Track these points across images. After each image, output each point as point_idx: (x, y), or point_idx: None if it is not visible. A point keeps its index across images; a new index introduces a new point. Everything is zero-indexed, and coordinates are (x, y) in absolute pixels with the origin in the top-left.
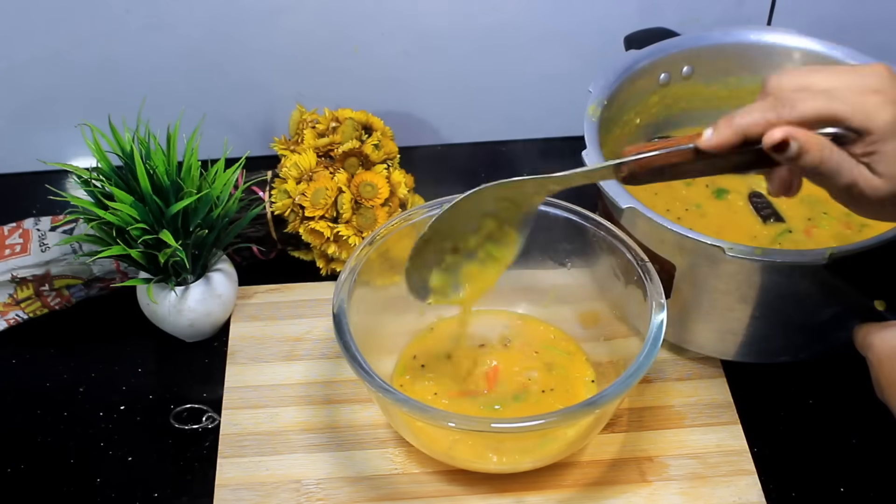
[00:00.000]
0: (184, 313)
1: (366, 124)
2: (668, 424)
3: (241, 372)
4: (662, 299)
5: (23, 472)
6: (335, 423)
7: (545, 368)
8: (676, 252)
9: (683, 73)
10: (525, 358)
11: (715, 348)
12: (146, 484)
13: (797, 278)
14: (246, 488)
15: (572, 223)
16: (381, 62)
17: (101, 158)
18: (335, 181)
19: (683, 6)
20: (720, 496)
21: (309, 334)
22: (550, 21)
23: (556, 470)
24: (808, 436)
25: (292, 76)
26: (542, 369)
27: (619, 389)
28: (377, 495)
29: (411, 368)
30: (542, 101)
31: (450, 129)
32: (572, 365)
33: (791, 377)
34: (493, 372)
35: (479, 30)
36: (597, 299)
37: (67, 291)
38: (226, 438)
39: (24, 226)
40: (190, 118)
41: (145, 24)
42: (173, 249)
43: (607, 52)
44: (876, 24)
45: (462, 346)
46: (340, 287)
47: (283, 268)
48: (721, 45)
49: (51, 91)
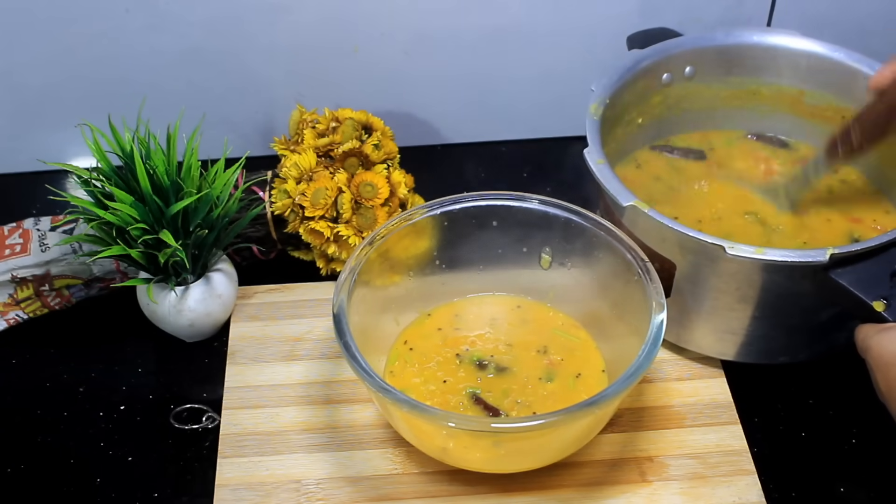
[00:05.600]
0: (184, 313)
1: (366, 124)
2: (668, 424)
3: (241, 372)
4: (662, 299)
5: (23, 472)
6: (335, 423)
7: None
8: (677, 251)
9: (686, 73)
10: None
11: (715, 348)
12: (146, 484)
13: (797, 278)
14: (246, 488)
15: (572, 223)
16: (381, 62)
17: (101, 158)
18: (335, 181)
19: (685, 6)
20: (720, 496)
21: (309, 334)
22: (551, 21)
23: (556, 470)
24: (808, 436)
25: (292, 76)
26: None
27: (618, 389)
28: (377, 495)
29: (402, 355)
30: (542, 101)
31: (450, 129)
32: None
33: (791, 377)
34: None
35: (479, 30)
36: (597, 299)
37: (67, 291)
38: (226, 438)
39: (24, 226)
40: (190, 118)
41: (145, 24)
42: (173, 249)
43: (609, 52)
44: (876, 24)
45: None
46: (340, 287)
47: (283, 268)
48: (724, 46)
49: (51, 91)
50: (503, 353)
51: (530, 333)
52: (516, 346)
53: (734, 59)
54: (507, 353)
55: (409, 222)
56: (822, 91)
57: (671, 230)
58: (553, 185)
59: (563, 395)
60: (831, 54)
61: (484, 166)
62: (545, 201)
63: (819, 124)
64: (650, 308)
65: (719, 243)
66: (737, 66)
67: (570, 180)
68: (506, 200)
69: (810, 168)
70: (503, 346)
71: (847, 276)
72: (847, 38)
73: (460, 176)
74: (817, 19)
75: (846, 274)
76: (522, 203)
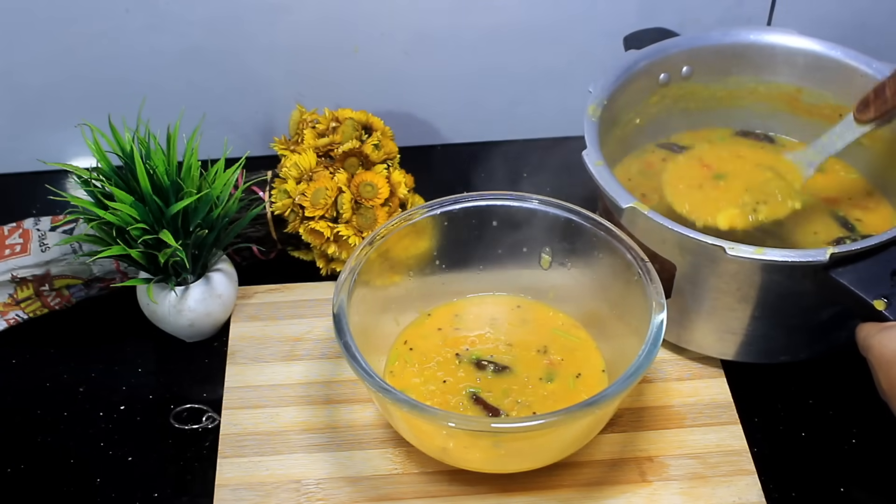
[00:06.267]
0: (184, 313)
1: (366, 124)
2: (668, 424)
3: (241, 372)
4: (662, 299)
5: (23, 472)
6: (335, 423)
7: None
8: (677, 252)
9: (683, 73)
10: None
11: (715, 348)
12: (146, 484)
13: (798, 278)
14: (246, 488)
15: (572, 223)
16: (381, 62)
17: (101, 158)
18: (335, 181)
19: (683, 6)
20: (720, 496)
21: (309, 334)
22: (550, 21)
23: (556, 470)
24: (808, 436)
25: (292, 76)
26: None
27: (618, 389)
28: (377, 495)
29: (401, 355)
30: (541, 101)
31: (450, 129)
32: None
33: (791, 377)
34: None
35: (479, 30)
36: (597, 299)
37: (67, 291)
38: (226, 438)
39: (24, 226)
40: (190, 118)
41: (145, 24)
42: (173, 249)
43: (607, 53)
44: (875, 24)
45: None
46: (340, 287)
47: (283, 268)
48: (721, 45)
49: (51, 91)
50: (503, 353)
51: (530, 333)
52: (516, 345)
53: (732, 58)
54: (507, 353)
55: (409, 222)
56: (820, 89)
57: (671, 231)
58: (553, 185)
59: (564, 395)
60: (828, 52)
61: (484, 166)
62: (545, 201)
63: (816, 122)
64: (650, 308)
65: (719, 244)
66: (735, 66)
67: (570, 180)
68: (506, 200)
69: (836, 131)
70: (503, 345)
71: (847, 275)
72: (849, 37)
73: (460, 176)
74: (818, 19)
75: (846, 273)
76: (522, 203)
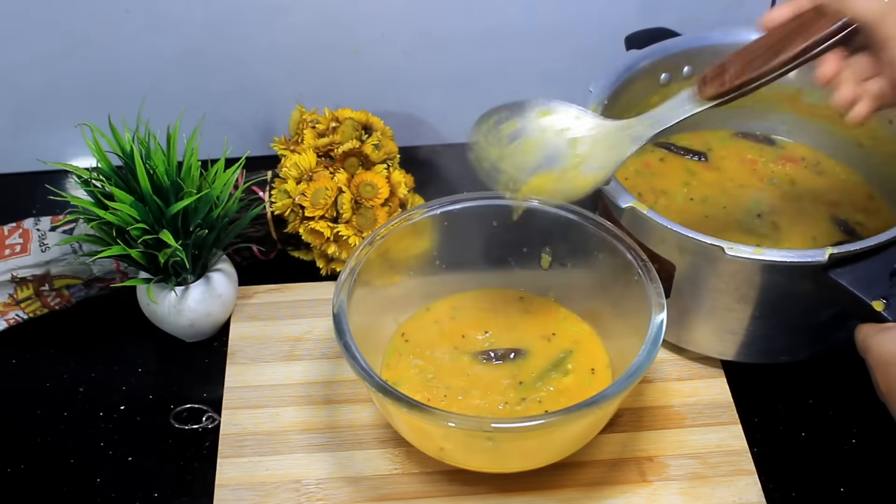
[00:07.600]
0: (184, 313)
1: (366, 124)
2: (668, 424)
3: (241, 372)
4: (662, 299)
5: (23, 472)
6: (335, 423)
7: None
8: (676, 252)
9: (684, 73)
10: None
11: (715, 348)
12: (146, 484)
13: (797, 278)
14: (246, 488)
15: (572, 223)
16: (381, 62)
17: (101, 158)
18: (335, 181)
19: (684, 6)
20: (720, 496)
21: (309, 334)
22: (551, 21)
23: (556, 470)
24: (808, 436)
25: (292, 76)
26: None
27: (618, 389)
28: (377, 495)
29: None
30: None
31: (450, 129)
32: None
33: (791, 377)
34: None
35: (479, 30)
36: (597, 299)
37: (67, 291)
38: (226, 438)
39: (24, 226)
40: (190, 118)
41: (145, 24)
42: (173, 249)
43: (608, 53)
44: None
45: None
46: (340, 287)
47: (283, 268)
48: (721, 45)
49: (51, 91)
50: (504, 345)
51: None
52: (518, 336)
53: None
54: (510, 344)
55: (409, 222)
56: (819, 89)
57: (670, 231)
58: None
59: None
60: None
61: None
62: (545, 201)
63: (816, 122)
64: (650, 308)
65: (718, 244)
66: None
67: None
68: (506, 200)
69: (672, 104)
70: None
71: (846, 275)
72: None
73: (460, 176)
74: None
75: (846, 274)
76: (522, 203)
